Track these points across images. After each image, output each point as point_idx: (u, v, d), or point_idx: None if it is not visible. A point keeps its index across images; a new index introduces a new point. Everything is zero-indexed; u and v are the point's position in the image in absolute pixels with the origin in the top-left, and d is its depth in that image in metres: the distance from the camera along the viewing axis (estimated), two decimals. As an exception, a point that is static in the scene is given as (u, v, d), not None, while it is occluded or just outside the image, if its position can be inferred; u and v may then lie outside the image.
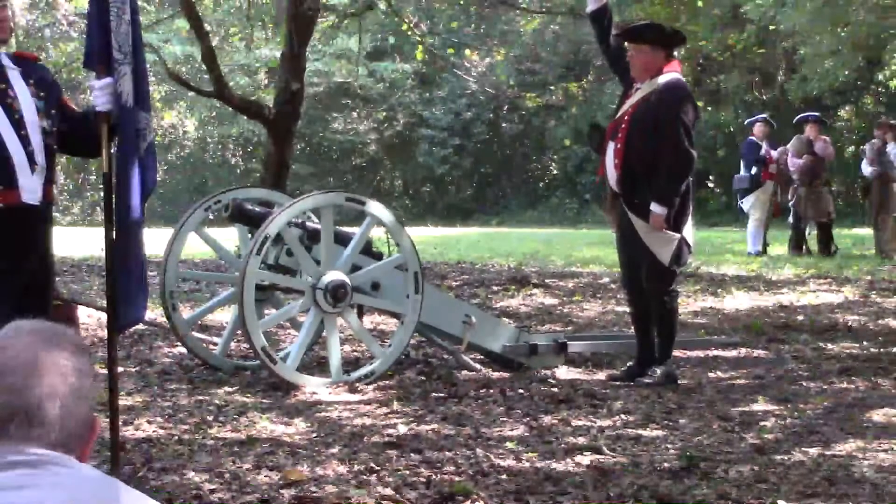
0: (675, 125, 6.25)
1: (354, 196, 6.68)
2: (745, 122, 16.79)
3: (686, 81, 6.49)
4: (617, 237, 6.73)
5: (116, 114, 4.21)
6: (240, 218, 6.81)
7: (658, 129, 6.24)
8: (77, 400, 1.69)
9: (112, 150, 4.32)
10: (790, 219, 14.72)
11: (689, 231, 6.50)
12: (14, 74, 4.05)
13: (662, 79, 6.34)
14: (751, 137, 14.86)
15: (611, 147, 6.42)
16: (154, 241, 7.78)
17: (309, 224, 6.68)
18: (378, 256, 6.78)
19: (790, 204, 14.64)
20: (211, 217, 7.19)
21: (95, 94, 4.21)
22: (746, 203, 14.76)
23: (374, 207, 6.48)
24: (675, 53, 6.51)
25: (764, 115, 15.74)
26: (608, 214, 6.90)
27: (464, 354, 6.88)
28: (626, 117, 6.38)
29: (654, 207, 6.23)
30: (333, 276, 6.30)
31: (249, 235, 6.71)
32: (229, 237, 9.20)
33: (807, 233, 14.71)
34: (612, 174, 6.44)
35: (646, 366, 6.52)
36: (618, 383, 6.45)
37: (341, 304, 6.30)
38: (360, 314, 6.85)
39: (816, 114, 15.57)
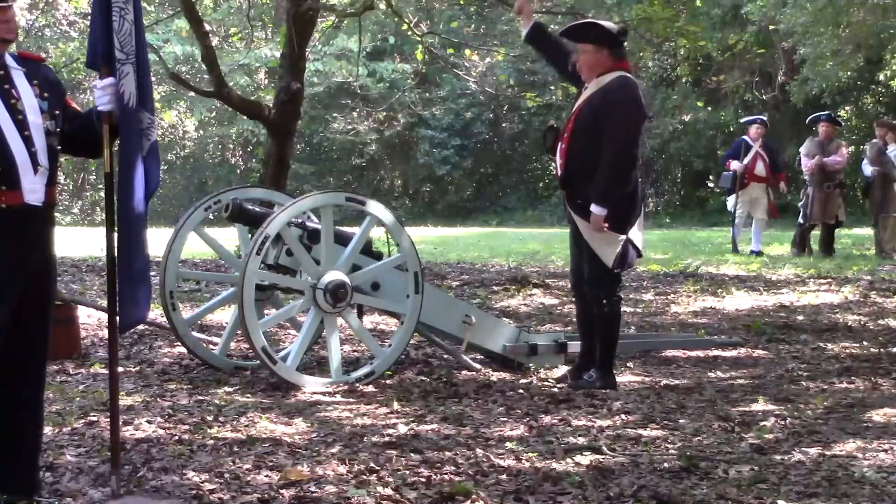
0: (617, 125, 6.20)
1: (354, 196, 6.68)
2: (742, 122, 16.75)
3: (636, 80, 6.45)
4: (571, 243, 6.72)
5: (118, 114, 4.21)
6: (240, 218, 6.81)
7: (600, 129, 6.21)
8: None
9: (114, 150, 4.32)
10: (800, 218, 14.65)
11: (637, 233, 6.41)
12: (18, 75, 4.05)
13: (608, 78, 6.28)
14: (744, 137, 14.86)
15: (559, 147, 6.42)
16: (154, 241, 7.77)
17: (309, 224, 6.68)
18: (378, 256, 6.78)
19: (800, 204, 14.65)
20: (211, 217, 7.19)
21: (97, 93, 4.22)
22: (730, 202, 14.81)
23: (374, 207, 6.48)
24: (624, 51, 6.39)
25: (761, 117, 15.69)
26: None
27: (464, 354, 6.88)
28: (573, 117, 6.38)
29: (594, 208, 6.20)
30: (333, 276, 6.30)
31: (249, 235, 6.71)
32: (229, 237, 9.20)
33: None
34: (559, 172, 6.45)
35: (586, 369, 6.51)
36: (561, 385, 6.44)
37: (341, 304, 6.31)
38: (360, 314, 6.85)
39: (828, 113, 15.49)
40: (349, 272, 6.39)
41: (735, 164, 14.50)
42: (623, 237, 6.30)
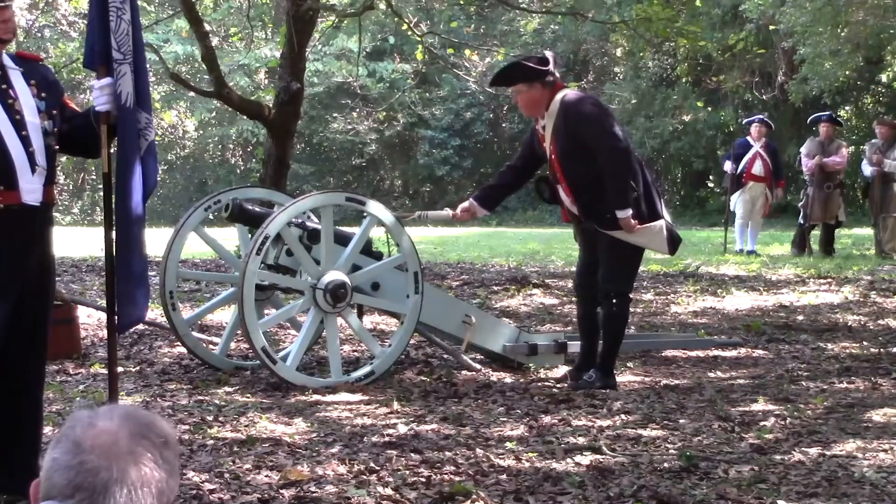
0: (594, 130, 6.23)
1: (354, 196, 6.68)
2: (743, 122, 16.76)
3: (589, 92, 6.50)
4: (581, 242, 6.80)
5: (115, 114, 4.21)
6: (240, 218, 6.81)
7: (582, 145, 6.24)
8: (148, 491, 1.64)
9: (112, 150, 4.32)
10: (800, 218, 14.67)
11: (666, 214, 6.51)
12: (15, 75, 4.04)
13: (556, 102, 6.31)
14: (745, 137, 14.86)
15: (560, 190, 6.45)
16: (154, 241, 7.78)
17: (309, 224, 6.68)
18: (378, 256, 6.78)
19: (800, 204, 14.65)
20: (211, 217, 7.19)
21: (95, 93, 4.22)
22: (732, 201, 14.82)
23: (374, 207, 6.48)
24: (553, 77, 6.36)
25: (761, 116, 15.68)
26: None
27: (464, 354, 6.88)
28: (553, 157, 6.40)
29: (619, 213, 6.23)
30: (333, 276, 6.30)
31: (249, 235, 6.71)
32: (229, 237, 9.20)
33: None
34: (574, 210, 6.46)
35: (586, 369, 6.52)
36: (562, 386, 6.45)
37: (341, 304, 6.30)
38: (360, 314, 6.85)
39: (829, 113, 15.47)
40: (349, 272, 6.39)
41: (728, 166, 14.55)
42: (661, 221, 6.37)
